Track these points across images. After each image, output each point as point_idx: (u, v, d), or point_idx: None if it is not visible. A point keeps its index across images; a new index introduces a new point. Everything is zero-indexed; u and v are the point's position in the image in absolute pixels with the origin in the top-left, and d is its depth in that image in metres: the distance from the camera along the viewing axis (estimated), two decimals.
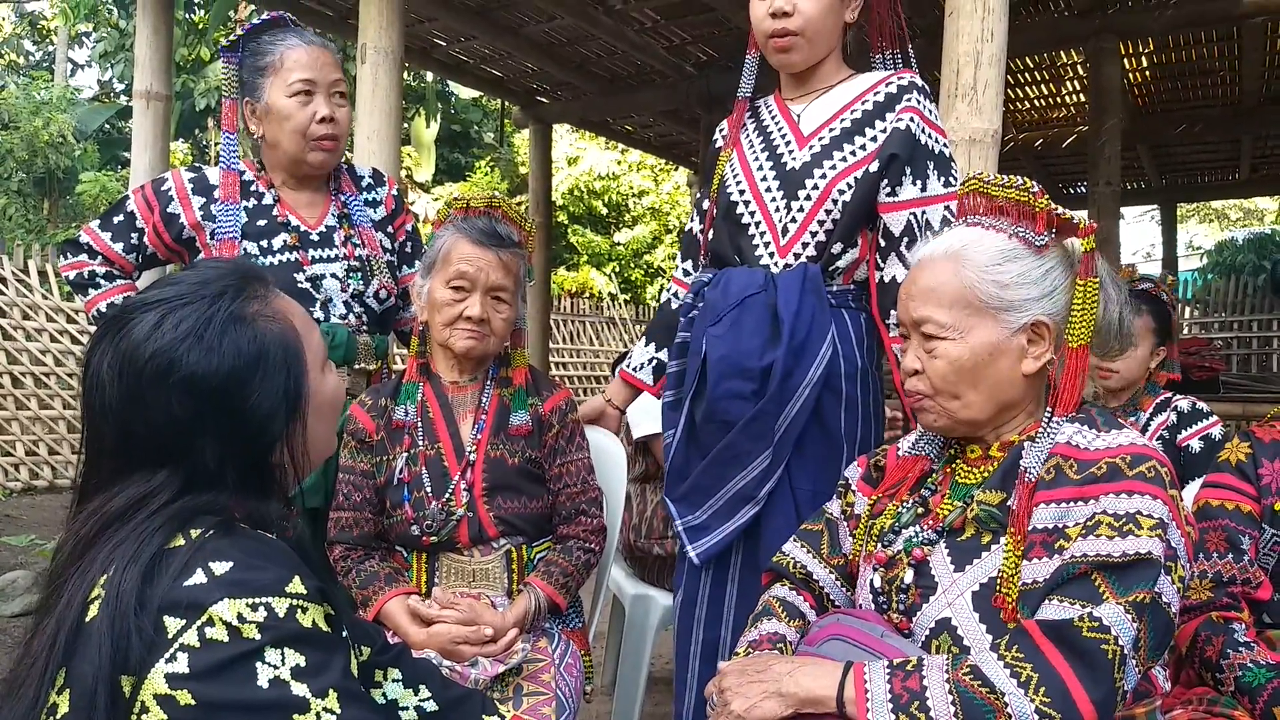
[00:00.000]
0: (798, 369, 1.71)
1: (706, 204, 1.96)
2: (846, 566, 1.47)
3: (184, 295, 1.01)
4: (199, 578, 0.91)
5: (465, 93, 14.75)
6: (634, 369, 2.09)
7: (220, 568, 0.92)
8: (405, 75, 4.40)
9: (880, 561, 1.34)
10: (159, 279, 1.07)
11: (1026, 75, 6.29)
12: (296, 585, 0.95)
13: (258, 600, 0.91)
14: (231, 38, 2.15)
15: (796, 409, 1.70)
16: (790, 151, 1.82)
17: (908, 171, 1.71)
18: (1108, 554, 1.11)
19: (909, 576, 1.28)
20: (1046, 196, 1.28)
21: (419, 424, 1.86)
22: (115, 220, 2.11)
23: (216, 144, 13.53)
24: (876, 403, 1.82)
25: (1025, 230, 1.28)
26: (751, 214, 1.83)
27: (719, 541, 1.74)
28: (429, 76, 13.22)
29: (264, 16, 2.13)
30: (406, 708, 1.21)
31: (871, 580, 1.35)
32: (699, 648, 1.81)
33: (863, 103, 1.78)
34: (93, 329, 1.14)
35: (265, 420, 1.01)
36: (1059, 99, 6.75)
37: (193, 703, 0.88)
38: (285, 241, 2.09)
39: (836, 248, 1.75)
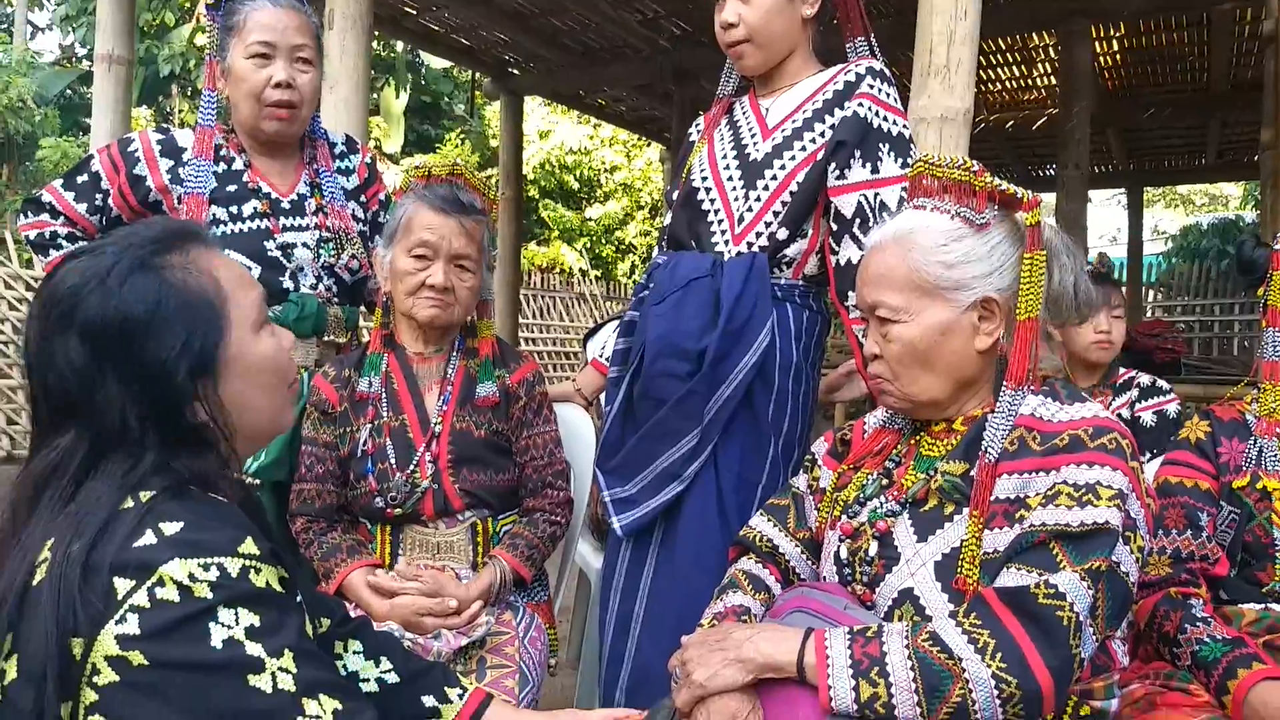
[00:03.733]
0: (733, 354, 1.73)
1: (675, 194, 1.97)
2: (812, 539, 1.48)
3: (110, 244, 1.00)
4: (149, 538, 0.90)
5: (436, 63, 14.57)
6: (606, 358, 2.09)
7: (171, 528, 0.91)
8: (375, 44, 4.33)
9: (846, 532, 1.35)
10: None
11: (999, 56, 6.31)
12: (249, 546, 0.94)
13: (209, 560, 0.90)
14: None
15: (728, 393, 1.72)
16: (754, 143, 1.84)
17: (857, 155, 1.73)
18: (1066, 523, 1.12)
19: (874, 549, 1.29)
20: (988, 175, 1.29)
21: (383, 395, 1.84)
22: (79, 180, 2.05)
23: (180, 111, 13.29)
24: (807, 400, 1.84)
25: (967, 210, 1.29)
26: (712, 201, 1.85)
27: (644, 515, 1.77)
28: (399, 46, 13.05)
29: None
30: (367, 679, 1.20)
31: (836, 551, 1.36)
32: (613, 619, 1.83)
33: (823, 94, 1.80)
34: None
35: (165, 373, 0.97)
36: (1030, 81, 6.79)
37: (145, 663, 0.87)
38: (256, 208, 2.05)
39: (783, 234, 1.77)
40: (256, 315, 1.08)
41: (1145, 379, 2.71)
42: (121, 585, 0.88)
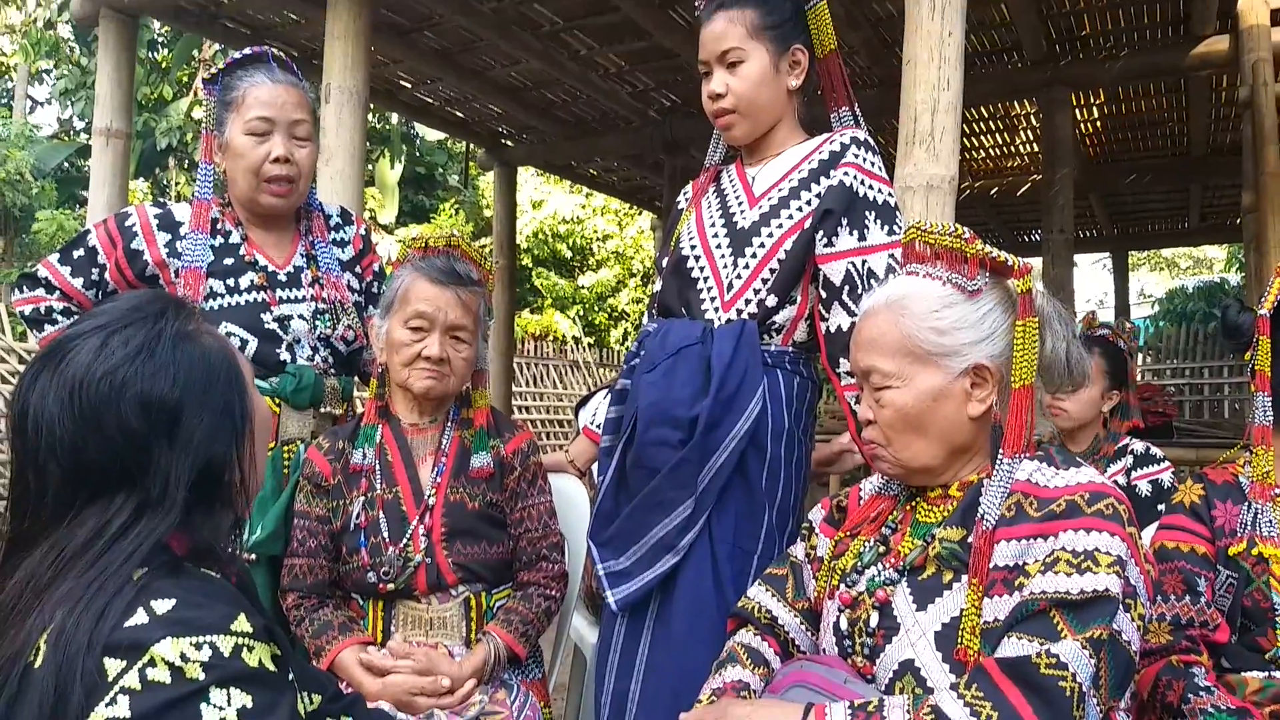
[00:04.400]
0: (724, 421, 1.73)
1: (665, 262, 1.99)
2: (811, 610, 1.46)
3: (122, 319, 1.01)
4: (140, 617, 0.89)
5: (430, 134, 14.78)
6: (598, 426, 2.09)
7: (162, 606, 0.90)
8: (370, 116, 4.41)
9: (845, 602, 1.33)
10: (81, 314, 1.07)
11: (982, 125, 6.43)
12: (242, 623, 0.92)
13: (202, 639, 0.89)
14: (214, 71, 2.12)
15: (721, 461, 1.72)
16: (741, 211, 1.87)
17: (844, 223, 1.75)
18: (1065, 591, 1.11)
19: (874, 620, 1.28)
20: (979, 242, 1.31)
21: (377, 467, 1.83)
22: (75, 255, 2.05)
23: (177, 183, 13.43)
24: (800, 467, 1.84)
25: (959, 276, 1.31)
26: (701, 269, 1.87)
27: (639, 589, 1.74)
28: (394, 118, 13.26)
29: (247, 51, 2.09)
30: None
31: (836, 622, 1.34)
32: (609, 697, 1.79)
33: (808, 163, 1.83)
34: None
35: (216, 435, 1.01)
36: (1013, 148, 6.91)
37: None
38: (253, 280, 2.05)
39: (772, 301, 1.78)
40: (252, 375, 1.11)
41: (1139, 447, 2.70)
42: (112, 666, 0.86)
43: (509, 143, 7.18)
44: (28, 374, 1.00)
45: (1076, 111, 5.86)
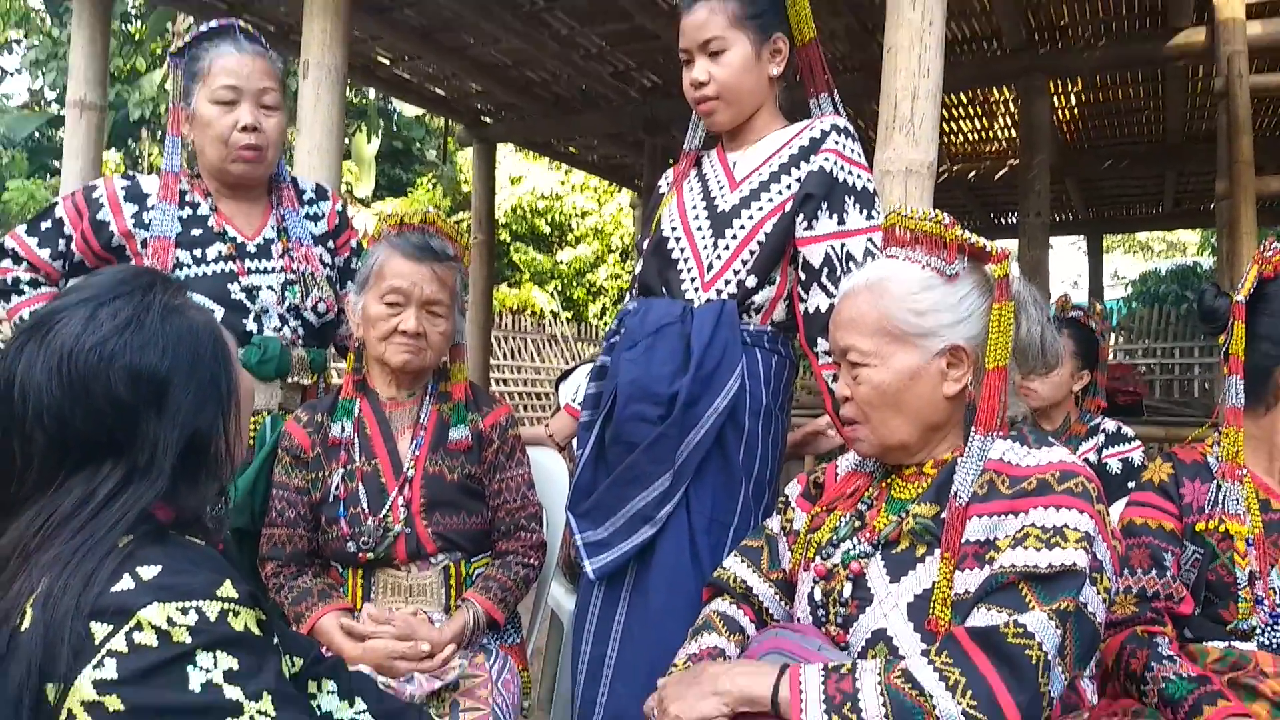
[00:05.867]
0: (703, 398, 1.75)
1: (646, 243, 2.01)
2: (785, 581, 1.49)
3: (110, 291, 1.02)
4: (126, 583, 0.90)
5: (408, 109, 14.66)
6: (579, 403, 2.11)
7: (148, 572, 0.91)
8: (348, 91, 4.37)
9: (820, 574, 1.36)
10: (67, 287, 1.07)
11: (961, 110, 6.46)
12: (227, 589, 0.94)
13: (188, 604, 0.90)
14: (180, 44, 2.10)
15: (699, 437, 1.74)
16: (722, 194, 1.89)
17: (824, 207, 1.78)
18: (1034, 565, 1.14)
19: (848, 590, 1.31)
20: (958, 227, 1.33)
21: (355, 440, 1.84)
22: (43, 226, 2.05)
23: (150, 154, 13.25)
24: (776, 443, 1.86)
25: (938, 260, 1.33)
26: (681, 249, 1.89)
27: (616, 559, 1.77)
28: (371, 93, 13.14)
29: (213, 24, 2.08)
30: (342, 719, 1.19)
31: (810, 592, 1.37)
32: (585, 663, 1.82)
33: (789, 148, 1.85)
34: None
35: (203, 406, 1.02)
36: (991, 133, 6.96)
37: (122, 708, 0.86)
38: (220, 251, 2.05)
39: (751, 281, 1.80)
40: (236, 349, 1.12)
41: (1110, 426, 2.76)
42: (99, 630, 0.87)
43: (488, 120, 7.14)
44: (12, 343, 1.00)
45: (1054, 98, 5.90)
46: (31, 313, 2.01)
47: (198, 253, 2.03)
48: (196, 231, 2.05)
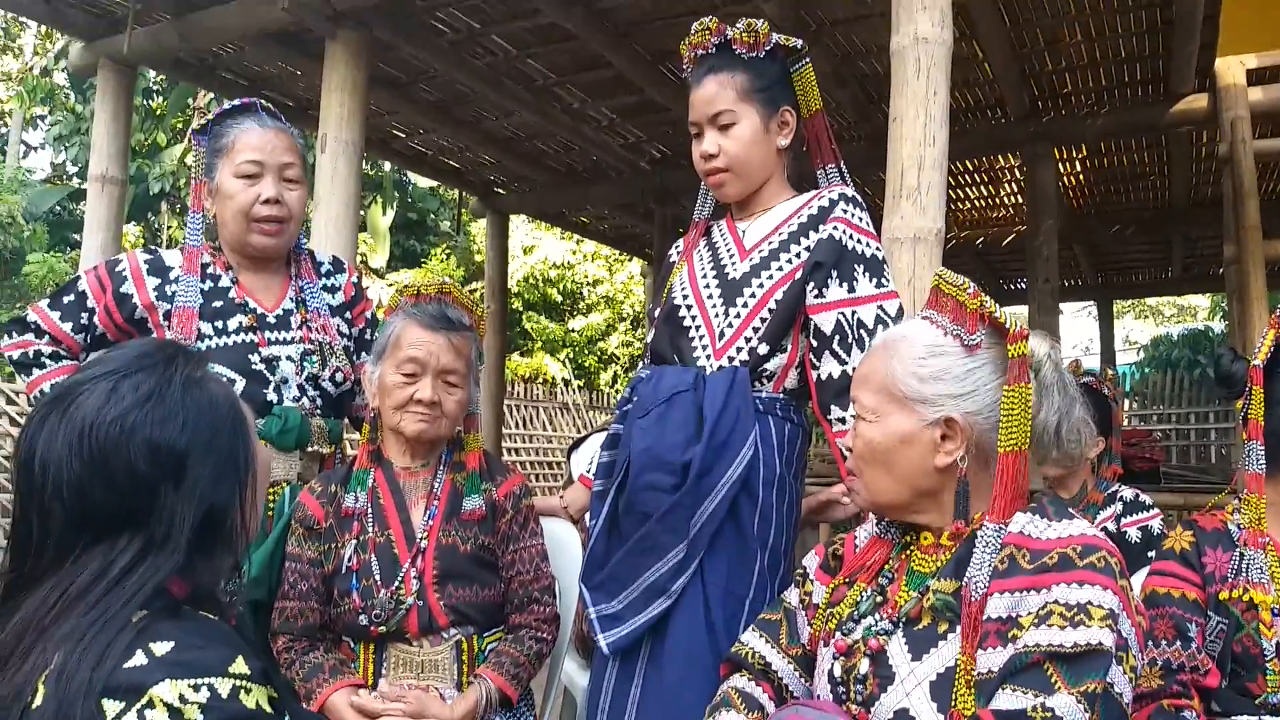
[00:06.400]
0: (717, 467, 1.74)
1: (658, 312, 2.02)
2: (805, 656, 1.46)
3: (130, 365, 1.03)
4: (139, 659, 0.89)
5: (423, 181, 14.91)
6: (593, 474, 2.10)
7: (161, 648, 0.90)
8: (363, 164, 4.47)
9: (840, 650, 1.34)
10: (88, 360, 1.09)
11: (967, 177, 6.54)
12: (240, 665, 0.93)
13: (200, 680, 0.90)
14: (204, 121, 2.17)
15: (713, 506, 1.73)
16: (733, 263, 1.91)
17: (834, 275, 1.80)
18: (1059, 644, 1.12)
19: (865, 666, 1.28)
20: (981, 298, 1.31)
21: (369, 510, 1.83)
22: (65, 300, 2.08)
23: (169, 227, 13.47)
24: (791, 512, 1.85)
25: (959, 329, 1.32)
26: (693, 317, 1.90)
27: (631, 633, 1.74)
28: (386, 165, 13.37)
29: (237, 101, 2.15)
30: None
31: (830, 669, 1.34)
32: None
33: (798, 217, 1.88)
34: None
35: (221, 480, 1.03)
36: (998, 200, 7.02)
37: None
38: (241, 323, 2.08)
39: (763, 349, 1.81)
40: (254, 422, 1.13)
41: (1129, 494, 2.73)
42: (111, 708, 0.87)
43: (501, 191, 7.26)
44: (34, 417, 1.01)
45: (1060, 165, 5.97)
46: (52, 385, 2.03)
47: (219, 324, 2.06)
48: (218, 303, 2.09)
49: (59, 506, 0.97)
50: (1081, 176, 6.42)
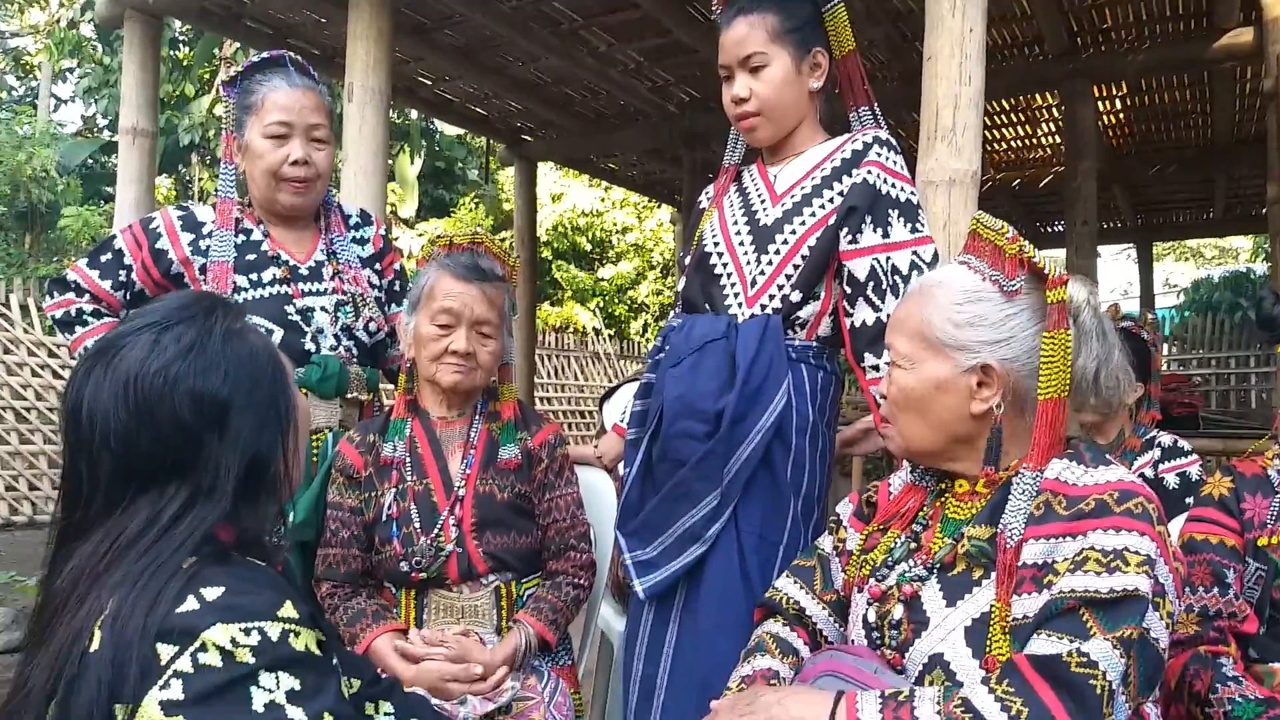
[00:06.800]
0: (750, 414, 1.74)
1: (688, 260, 2.01)
2: (839, 602, 1.47)
3: (171, 316, 1.05)
4: (191, 604, 0.92)
5: (449, 129, 14.83)
6: (626, 423, 2.11)
7: (212, 593, 0.93)
8: (391, 113, 4.45)
9: (874, 596, 1.34)
10: (129, 314, 1.11)
11: (1003, 117, 6.40)
12: (288, 610, 0.95)
13: (251, 624, 0.92)
14: (232, 73, 2.17)
15: (746, 453, 1.74)
16: (764, 209, 1.89)
17: (868, 220, 1.77)
18: (1095, 590, 1.12)
19: (899, 612, 1.29)
20: (1020, 243, 1.29)
21: (407, 460, 1.86)
22: (103, 258, 2.12)
23: (200, 179, 13.53)
24: (824, 459, 1.85)
25: (999, 274, 1.30)
26: (724, 265, 1.88)
27: (666, 578, 1.76)
28: (413, 114, 13.31)
29: (264, 55, 2.15)
30: None
31: (865, 615, 1.35)
32: (636, 682, 1.82)
33: (831, 162, 1.85)
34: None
35: (263, 428, 1.05)
36: (1035, 140, 6.87)
37: None
38: (275, 275, 2.10)
39: (796, 296, 1.80)
40: (293, 372, 1.14)
41: (1166, 439, 2.70)
42: (165, 651, 0.89)
43: (529, 138, 7.20)
44: (80, 369, 1.03)
45: (1099, 103, 5.81)
46: (95, 341, 2.06)
47: (254, 276, 2.09)
48: (251, 256, 2.11)
49: (107, 456, 0.99)
50: (1121, 115, 6.25)
